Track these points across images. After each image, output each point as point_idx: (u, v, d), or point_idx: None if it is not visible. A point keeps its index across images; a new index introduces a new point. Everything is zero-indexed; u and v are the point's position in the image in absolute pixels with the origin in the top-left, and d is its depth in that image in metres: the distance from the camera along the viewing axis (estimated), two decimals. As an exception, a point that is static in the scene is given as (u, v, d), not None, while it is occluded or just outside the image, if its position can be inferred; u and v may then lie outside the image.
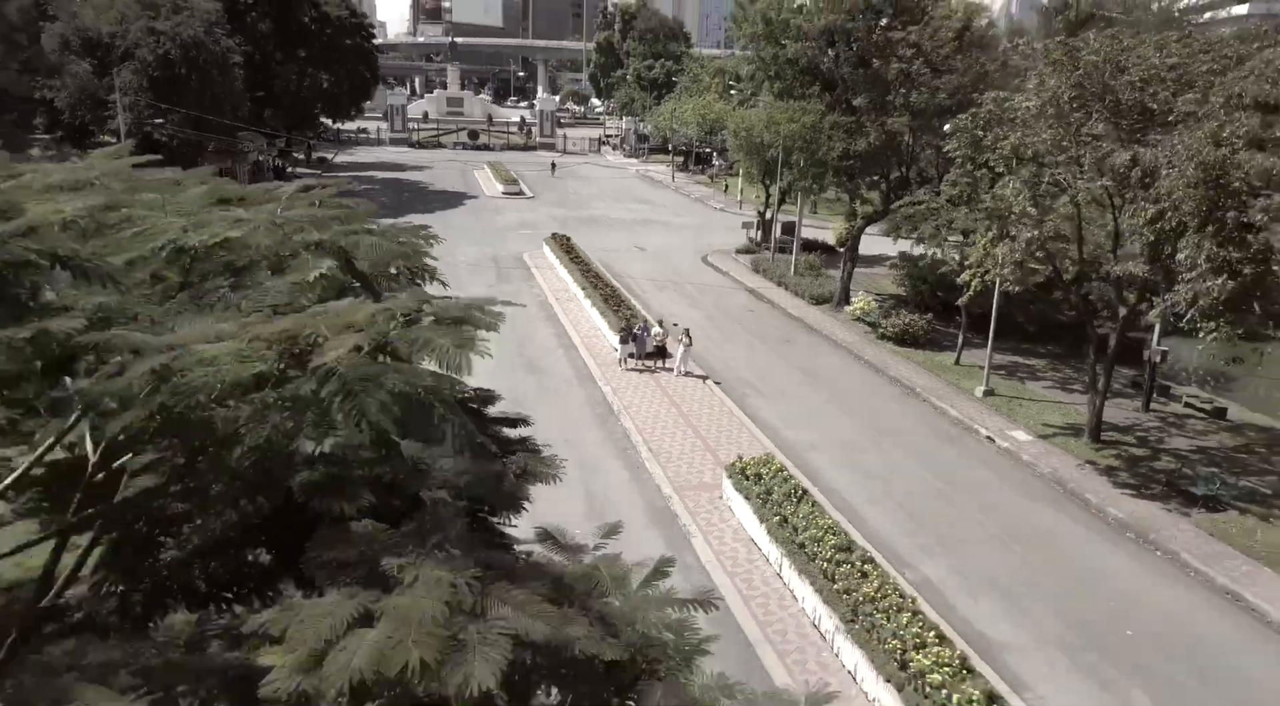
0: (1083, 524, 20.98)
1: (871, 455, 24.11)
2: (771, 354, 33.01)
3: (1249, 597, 17.81)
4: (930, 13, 33.35)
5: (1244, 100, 16.04)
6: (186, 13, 47.06)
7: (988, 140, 22.92)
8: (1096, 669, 15.47)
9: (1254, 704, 14.90)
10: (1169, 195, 15.99)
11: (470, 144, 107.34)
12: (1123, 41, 22.30)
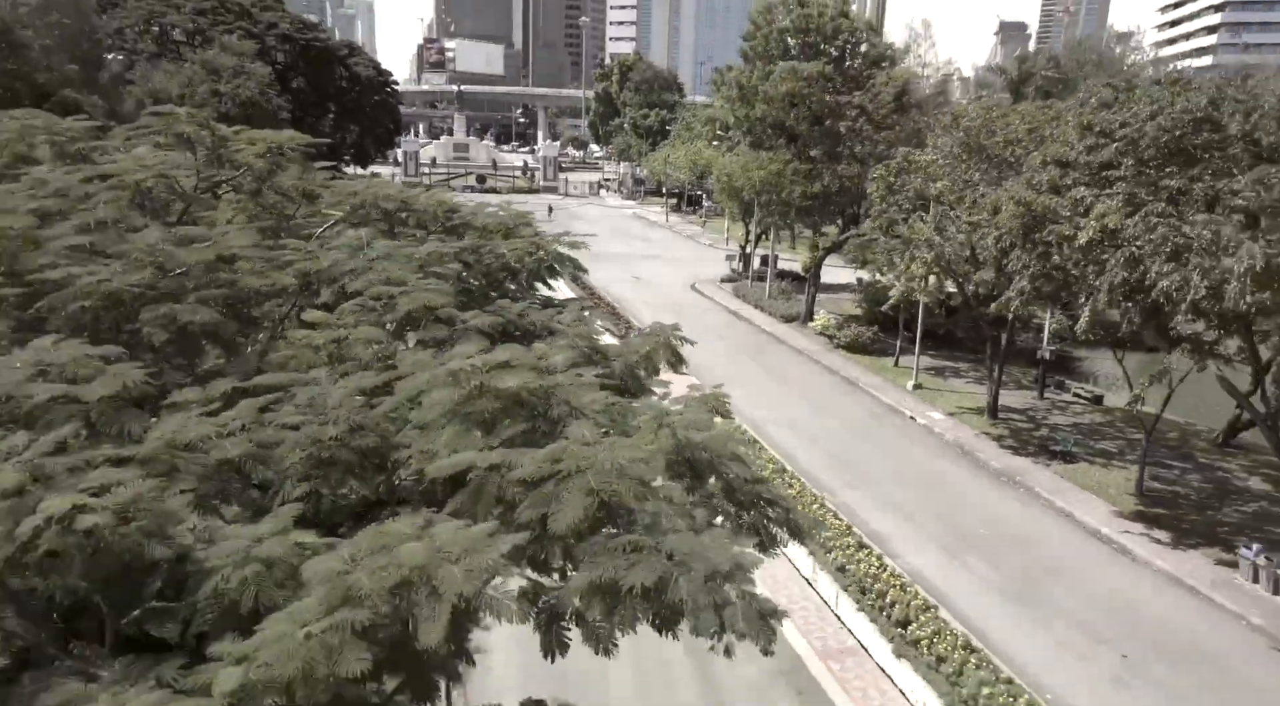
0: (969, 471, 27.82)
1: (812, 425, 31.02)
2: (744, 359, 40.02)
3: (1076, 513, 24.60)
4: (873, 80, 40.88)
5: (1049, 159, 23.07)
6: (245, 76, 54.71)
7: (898, 185, 30.15)
8: (952, 549, 22.23)
9: (1047, 559, 21.75)
10: (1005, 223, 22.97)
11: (478, 187, 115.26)
12: (993, 111, 29.59)
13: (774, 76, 40.84)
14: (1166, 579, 21.38)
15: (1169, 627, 19.22)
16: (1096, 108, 24.11)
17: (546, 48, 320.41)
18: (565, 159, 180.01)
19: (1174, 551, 22.50)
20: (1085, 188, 21.11)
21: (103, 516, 4.97)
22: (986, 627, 18.39)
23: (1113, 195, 19.89)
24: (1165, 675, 17.41)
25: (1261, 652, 18.52)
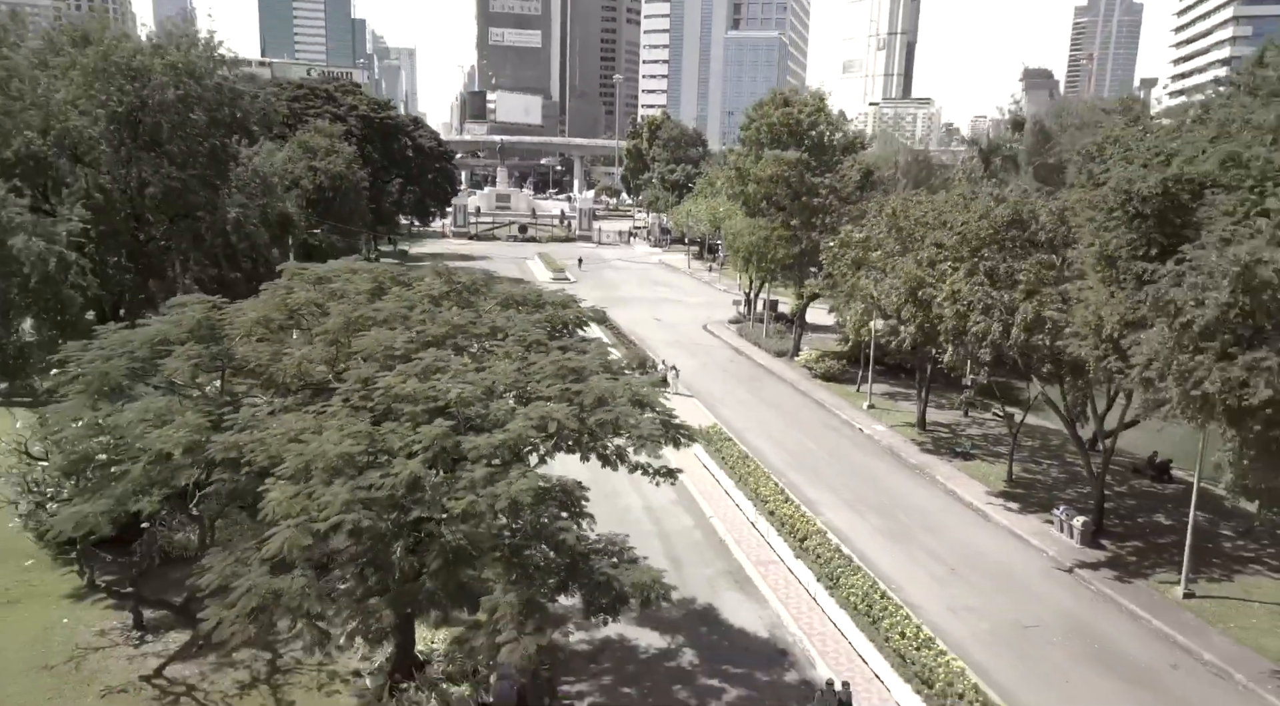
0: (892, 465, 37.62)
1: (780, 433, 41.01)
2: (738, 386, 50.15)
3: (958, 492, 34.30)
4: (842, 164, 51.34)
5: (937, 239, 32.93)
6: (334, 155, 66.50)
7: (841, 253, 40.36)
8: (859, 510, 32.07)
9: (926, 518, 31.47)
10: (898, 287, 32.91)
11: (520, 236, 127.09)
12: (910, 201, 39.70)
13: (763, 161, 51.50)
14: (1006, 531, 31.03)
15: (991, 557, 28.88)
16: (989, 197, 34.13)
17: (582, 98, 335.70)
18: (600, 206, 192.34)
19: (1017, 515, 32.14)
20: (947, 263, 31.20)
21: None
22: (866, 551, 28.21)
23: (957, 269, 29.97)
24: (974, 579, 27.09)
25: (1048, 570, 28.11)
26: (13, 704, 18.71)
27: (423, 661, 20.20)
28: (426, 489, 13.47)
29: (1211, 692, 21.69)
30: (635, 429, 15.18)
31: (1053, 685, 21.75)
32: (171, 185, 24.17)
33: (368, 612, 13.64)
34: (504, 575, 13.74)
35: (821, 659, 22.16)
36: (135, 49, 23.94)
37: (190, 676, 20.13)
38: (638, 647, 22.80)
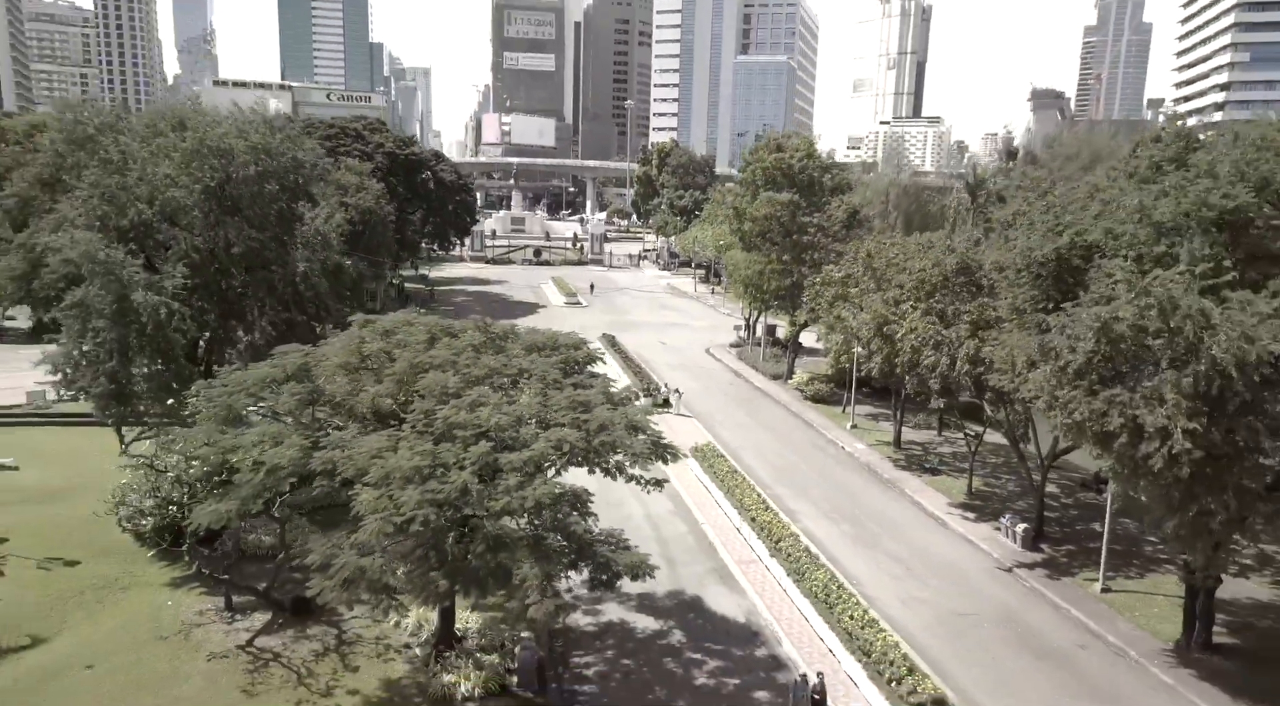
0: (867, 480, 42.27)
1: (771, 451, 45.73)
2: (735, 407, 54.92)
3: (924, 503, 38.93)
4: (829, 205, 56.26)
5: (900, 281, 37.65)
6: (364, 191, 71.82)
7: (821, 290, 45.18)
8: (834, 519, 36.74)
9: (892, 526, 36.11)
10: (867, 323, 37.64)
11: (535, 260, 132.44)
12: (885, 242, 44.48)
13: (757, 201, 56.49)
14: (960, 537, 35.64)
15: (944, 559, 33.51)
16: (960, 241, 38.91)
17: (595, 120, 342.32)
18: (611, 228, 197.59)
19: (972, 523, 36.75)
20: (908, 303, 36.01)
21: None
22: (836, 553, 32.89)
23: (915, 309, 34.77)
24: (926, 576, 31.72)
25: (991, 570, 32.70)
26: (144, 665, 23.65)
27: (459, 637, 25.03)
28: (473, 493, 18.31)
29: (1108, 667, 26.23)
30: (630, 448, 20.03)
31: (978, 661, 26.35)
32: (251, 244, 29.22)
33: (429, 583, 18.43)
34: (529, 556, 18.51)
35: (787, 638, 26.83)
36: (223, 133, 29.06)
37: (275, 646, 25.01)
38: (635, 629, 27.54)
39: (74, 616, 26.30)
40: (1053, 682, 25.28)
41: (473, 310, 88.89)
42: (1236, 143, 24.82)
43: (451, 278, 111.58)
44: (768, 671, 25.24)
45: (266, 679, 23.45)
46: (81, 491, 35.48)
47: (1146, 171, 26.81)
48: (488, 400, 19.63)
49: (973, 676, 25.26)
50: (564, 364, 23.50)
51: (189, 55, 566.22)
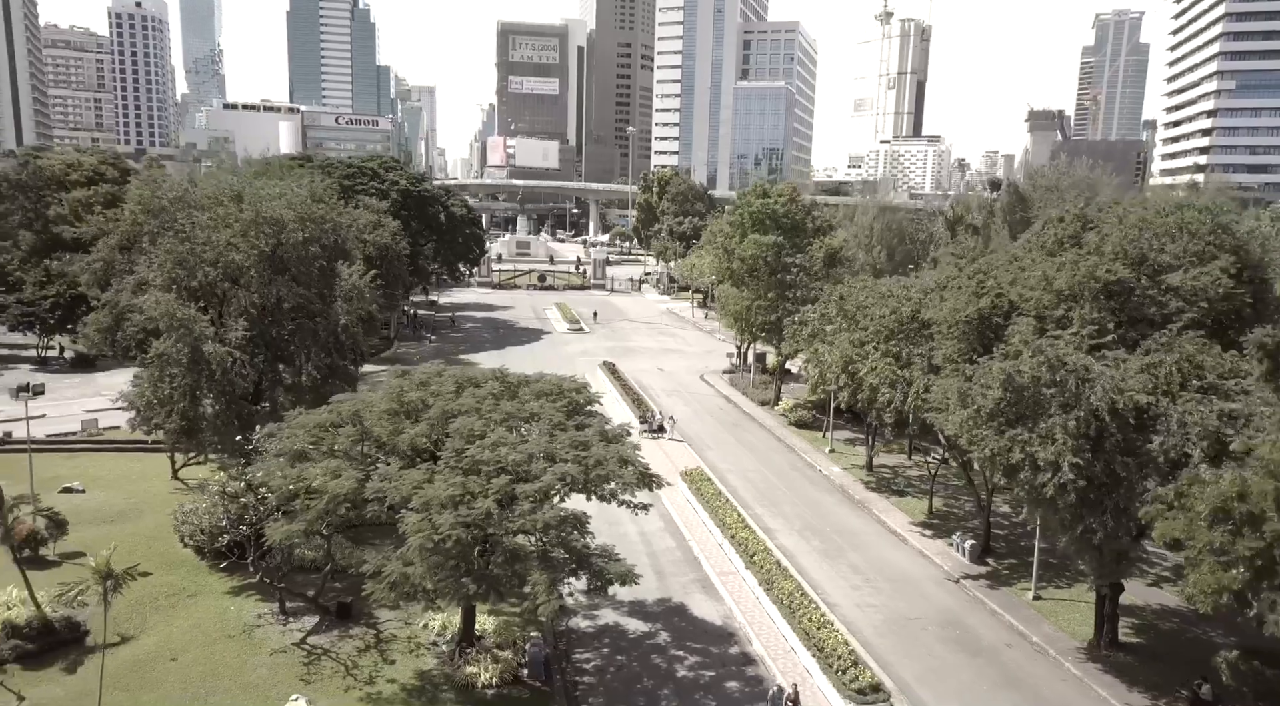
0: (839, 500, 46.99)
1: (754, 473, 50.48)
2: (724, 432, 59.70)
3: (887, 521, 43.63)
4: (811, 246, 61.21)
5: (864, 324, 42.58)
6: (381, 228, 76.96)
7: (798, 329, 50.06)
8: (805, 535, 41.46)
9: (856, 541, 40.82)
10: (835, 362, 42.49)
11: (540, 285, 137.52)
12: (854, 287, 49.33)
13: (745, 243, 61.51)
14: (916, 552, 40.33)
15: (899, 570, 38.19)
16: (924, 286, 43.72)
17: (598, 142, 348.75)
18: (613, 250, 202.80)
19: (928, 539, 41.44)
20: (869, 345, 40.87)
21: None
22: (805, 566, 37.58)
23: (876, 350, 39.63)
24: (881, 585, 36.41)
25: (939, 580, 37.37)
26: (217, 658, 28.42)
27: (478, 636, 29.77)
28: (495, 516, 23.10)
29: (1028, 662, 30.90)
30: (621, 478, 24.86)
31: (918, 656, 31.03)
32: (298, 299, 34.07)
33: (460, 587, 23.18)
34: (538, 566, 23.22)
35: (757, 638, 31.54)
36: (275, 205, 34.06)
37: (324, 644, 29.77)
38: (628, 631, 32.27)
39: (152, 619, 31.10)
40: (979, 675, 29.96)
41: (482, 336, 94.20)
42: (1121, 224, 29.64)
43: (460, 303, 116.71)
44: (739, 666, 29.95)
45: (319, 670, 28.21)
46: (142, 511, 40.41)
47: (1052, 245, 31.72)
48: (506, 441, 24.45)
49: (911, 669, 29.95)
50: (568, 406, 28.31)
51: (197, 75, 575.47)
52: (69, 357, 72.43)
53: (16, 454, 48.23)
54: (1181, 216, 29.97)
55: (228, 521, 29.99)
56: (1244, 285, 27.96)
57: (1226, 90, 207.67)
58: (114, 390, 63.97)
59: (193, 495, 38.72)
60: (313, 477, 24.34)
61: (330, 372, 35.31)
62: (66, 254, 79.80)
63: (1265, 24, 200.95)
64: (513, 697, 27.26)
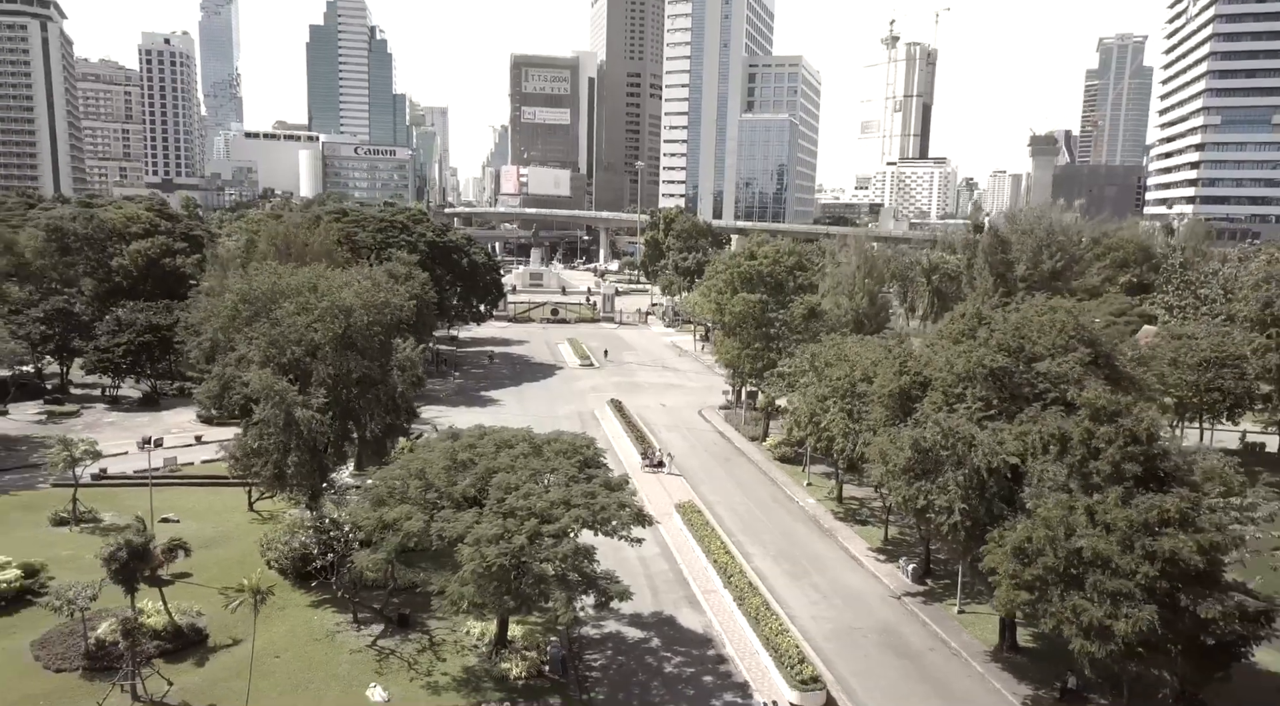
0: (810, 528, 55.20)
1: (739, 504, 58.77)
2: (716, 466, 68.01)
3: (849, 548, 51.82)
4: (790, 301, 69.69)
5: (827, 379, 50.74)
6: (413, 279, 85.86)
7: (775, 381, 58.42)
8: (778, 559, 49.69)
9: (820, 564, 49.03)
10: (803, 411, 50.66)
11: (552, 319, 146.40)
12: (826, 343, 57.64)
13: (735, 299, 70.04)
14: (869, 573, 48.48)
15: (852, 589, 46.31)
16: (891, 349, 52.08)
17: (608, 170, 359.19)
18: (622, 279, 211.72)
19: (881, 563, 49.57)
20: (829, 400, 49.18)
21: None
22: (774, 585, 45.77)
23: (835, 405, 47.93)
24: (835, 601, 44.57)
25: (884, 597, 45.47)
26: (310, 656, 36.84)
27: (510, 641, 38.08)
28: (526, 549, 31.50)
29: (944, 662, 38.99)
30: (620, 518, 33.28)
31: (855, 657, 39.15)
32: (364, 370, 42.63)
33: (501, 602, 31.55)
34: (558, 585, 31.56)
35: (730, 643, 39.72)
36: (345, 296, 42.80)
37: (390, 646, 38.14)
38: (627, 637, 40.54)
39: (260, 623, 39.50)
40: (903, 672, 38.10)
41: (501, 373, 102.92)
42: (1005, 323, 37.97)
43: (479, 337, 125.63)
44: (713, 664, 38.18)
45: (388, 665, 36.59)
46: (229, 539, 49.03)
47: (956, 335, 40.06)
48: (534, 491, 32.93)
49: (849, 666, 38.13)
50: (581, 461, 36.78)
51: (215, 99, 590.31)
52: (136, 397, 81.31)
53: (111, 488, 57.16)
54: (1053, 316, 38.24)
55: (317, 549, 38.42)
56: (1097, 369, 36.17)
57: (1213, 125, 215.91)
58: (180, 427, 73.16)
59: (270, 525, 47.55)
60: (392, 518, 32.85)
61: (389, 430, 43.91)
62: (127, 300, 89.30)
63: (1248, 63, 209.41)
64: (537, 687, 35.56)
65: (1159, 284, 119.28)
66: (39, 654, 35.72)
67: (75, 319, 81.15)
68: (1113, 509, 26.05)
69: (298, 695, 34.28)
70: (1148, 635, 24.82)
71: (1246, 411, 69.52)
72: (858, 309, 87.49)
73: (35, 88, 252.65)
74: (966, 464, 33.35)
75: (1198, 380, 64.26)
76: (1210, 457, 34.40)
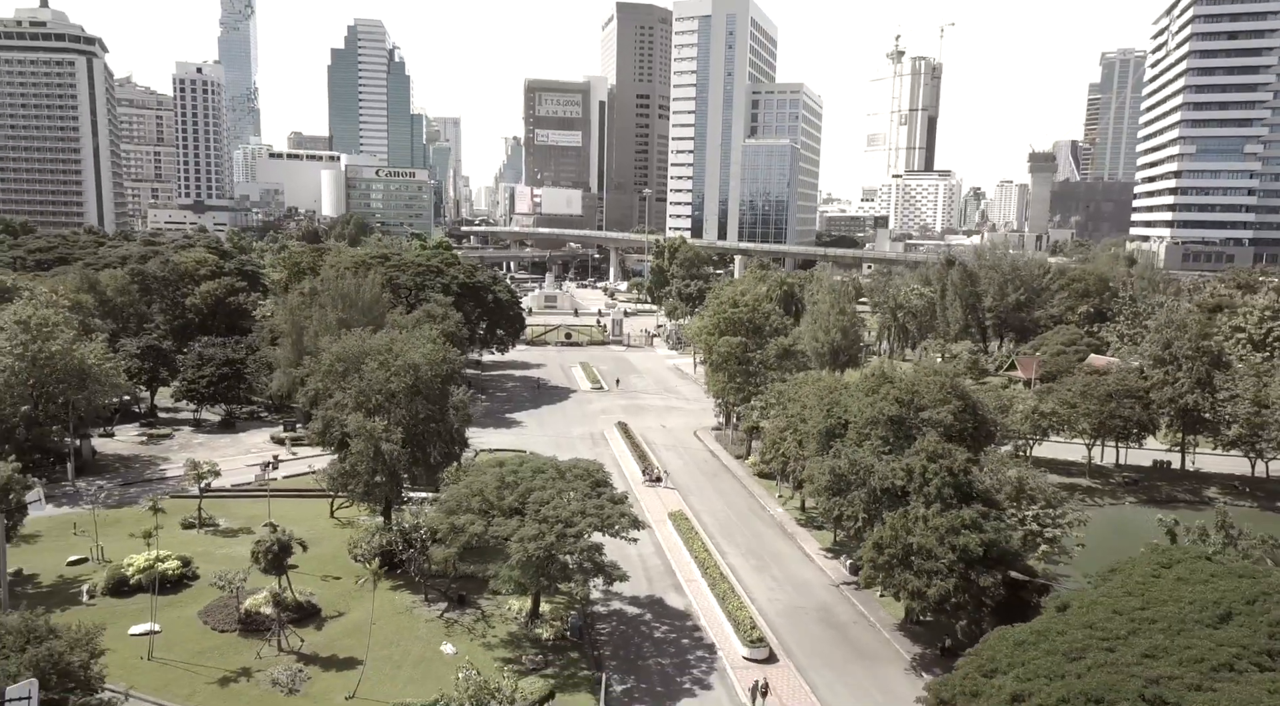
0: (776, 532, 68.88)
1: (721, 513, 72.52)
2: (705, 481, 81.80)
3: (805, 548, 65.49)
4: (766, 343, 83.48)
5: (788, 413, 64.12)
6: (448, 319, 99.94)
7: (748, 412, 72.14)
8: (747, 556, 63.41)
9: (780, 560, 62.75)
10: (769, 438, 64.14)
11: (566, 342, 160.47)
12: (798, 380, 71.28)
13: (720, 341, 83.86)
14: (817, 567, 62.10)
15: (802, 578, 59.95)
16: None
17: (618, 189, 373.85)
18: (630, 299, 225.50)
19: (828, 559, 63.16)
20: (788, 431, 62.82)
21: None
22: (742, 575, 59.46)
23: (793, 436, 61.57)
24: (788, 587, 58.22)
25: (827, 585, 59.06)
26: (397, 625, 50.76)
27: (541, 613, 51.89)
28: (555, 545, 45.40)
29: (862, 632, 52.56)
30: (621, 523, 47.10)
31: (796, 628, 52.76)
32: (429, 411, 56.54)
33: (539, 583, 45.39)
34: (577, 571, 45.37)
35: (704, 616, 53.41)
36: (414, 356, 56.92)
37: (453, 617, 52.03)
38: (627, 613, 54.29)
39: (351, 602, 53.52)
40: (829, 637, 51.72)
41: (522, 395, 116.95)
42: (901, 381, 51.66)
43: (500, 361, 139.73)
44: (690, 632, 51.88)
45: (454, 631, 50.45)
46: (320, 539, 62.98)
47: (868, 388, 53.83)
48: (560, 505, 46.94)
49: (790, 633, 51.80)
50: (593, 483, 50.62)
51: (233, 112, 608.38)
52: (215, 421, 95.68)
53: (220, 499, 71.28)
54: (936, 377, 51.81)
55: (401, 546, 52.45)
56: (967, 416, 49.50)
57: (1189, 154, 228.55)
58: (257, 447, 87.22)
59: (351, 530, 61.63)
60: (460, 523, 46.82)
61: (446, 456, 57.81)
62: (199, 334, 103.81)
63: (1221, 96, 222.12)
64: (562, 646, 49.33)
65: (1113, 313, 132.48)
66: (206, 619, 49.80)
67: (163, 354, 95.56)
68: (933, 518, 39.61)
69: (393, 648, 48.22)
70: (947, 597, 38.45)
71: (1150, 435, 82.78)
72: (832, 342, 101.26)
73: (81, 121, 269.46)
74: (867, 485, 47.03)
75: (1101, 410, 77.60)
76: (1039, 479, 47.94)
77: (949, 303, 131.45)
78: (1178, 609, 27.93)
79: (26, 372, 67.92)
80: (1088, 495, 78.68)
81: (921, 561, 39.56)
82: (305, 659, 46.47)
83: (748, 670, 46.80)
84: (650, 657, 48.77)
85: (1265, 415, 73.81)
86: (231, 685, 43.90)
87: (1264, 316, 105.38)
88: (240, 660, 46.14)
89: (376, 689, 43.80)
